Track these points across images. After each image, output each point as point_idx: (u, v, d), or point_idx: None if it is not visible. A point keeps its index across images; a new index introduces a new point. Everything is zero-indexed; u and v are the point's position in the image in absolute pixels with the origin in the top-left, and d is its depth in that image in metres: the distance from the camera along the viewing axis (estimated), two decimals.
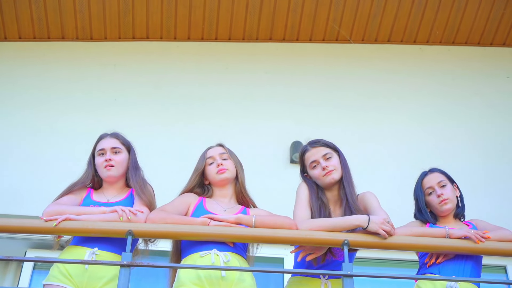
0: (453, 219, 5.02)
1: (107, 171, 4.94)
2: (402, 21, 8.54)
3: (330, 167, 4.86)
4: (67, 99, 8.02)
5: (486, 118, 8.31)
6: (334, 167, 4.88)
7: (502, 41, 8.80)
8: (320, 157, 4.91)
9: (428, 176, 5.13)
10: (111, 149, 5.00)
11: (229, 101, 8.16)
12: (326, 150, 4.94)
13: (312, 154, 4.95)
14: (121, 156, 5.01)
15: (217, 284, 4.47)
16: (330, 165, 4.87)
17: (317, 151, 4.94)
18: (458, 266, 4.73)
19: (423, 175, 5.16)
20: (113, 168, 4.95)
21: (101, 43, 8.47)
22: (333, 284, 4.63)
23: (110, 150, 4.99)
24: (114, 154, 4.99)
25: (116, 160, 4.98)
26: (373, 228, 4.52)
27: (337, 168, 4.89)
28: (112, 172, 4.95)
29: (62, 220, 4.49)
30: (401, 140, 8.03)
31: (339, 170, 4.89)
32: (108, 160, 4.95)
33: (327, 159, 4.90)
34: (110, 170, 4.94)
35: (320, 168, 4.88)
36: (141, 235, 4.58)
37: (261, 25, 8.47)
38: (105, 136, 5.09)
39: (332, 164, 4.88)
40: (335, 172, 4.87)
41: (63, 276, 4.53)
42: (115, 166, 4.96)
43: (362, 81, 8.48)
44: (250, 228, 4.57)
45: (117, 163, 4.97)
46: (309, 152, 4.97)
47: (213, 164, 4.99)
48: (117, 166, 4.97)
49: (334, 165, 4.89)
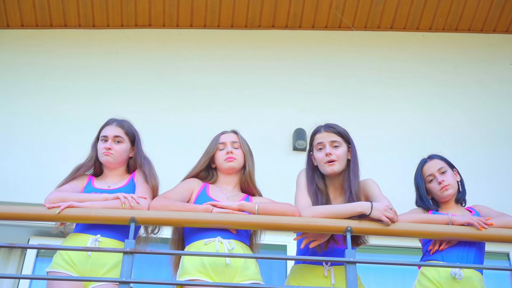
0: (454, 204, 5.03)
1: (104, 156, 4.96)
2: (405, 8, 8.53)
3: (333, 156, 4.82)
4: (69, 87, 8.02)
5: (489, 105, 8.30)
6: (338, 158, 4.83)
7: (505, 28, 8.78)
8: (328, 142, 4.87)
9: (428, 163, 5.12)
10: (114, 137, 5.01)
11: (232, 89, 8.15)
12: (336, 138, 4.90)
13: (322, 136, 4.91)
14: (121, 146, 5.03)
15: (221, 272, 4.47)
16: (334, 154, 4.83)
17: (327, 135, 4.90)
18: (462, 252, 4.73)
19: (422, 162, 5.15)
20: (111, 156, 4.96)
21: (104, 30, 8.47)
22: (336, 271, 4.63)
23: (112, 139, 5.01)
24: (116, 143, 5.01)
25: (116, 149, 4.99)
26: (376, 215, 4.51)
27: (340, 159, 4.85)
28: (109, 158, 4.97)
29: (65, 207, 4.49)
30: (403, 127, 8.02)
31: (342, 162, 4.85)
32: (108, 148, 4.96)
33: (334, 147, 4.86)
34: (108, 156, 4.96)
35: (323, 153, 4.86)
36: (144, 222, 4.59)
37: (263, 13, 8.46)
38: (111, 123, 5.10)
39: (337, 154, 4.84)
40: (337, 164, 4.83)
41: (66, 263, 4.53)
42: (114, 155, 4.98)
43: (365, 68, 8.47)
44: (253, 215, 4.57)
45: (116, 152, 4.99)
46: (320, 134, 4.93)
47: (224, 150, 4.99)
48: (116, 154, 4.99)
49: (339, 155, 4.84)
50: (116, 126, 5.08)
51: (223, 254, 4.45)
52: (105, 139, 5.01)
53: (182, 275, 4.46)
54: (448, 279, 4.61)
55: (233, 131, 5.14)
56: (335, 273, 4.63)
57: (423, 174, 5.10)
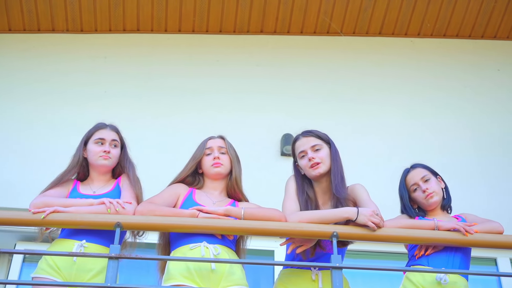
0: (441, 211, 5.03)
1: (103, 160, 4.94)
2: (393, 14, 8.54)
3: (317, 159, 4.84)
4: (57, 91, 7.99)
5: (477, 111, 8.31)
6: (321, 160, 4.85)
7: (493, 33, 8.81)
8: (309, 148, 4.90)
9: (411, 172, 5.12)
10: (112, 141, 5.02)
11: (220, 94, 8.14)
12: (316, 141, 4.93)
13: (302, 143, 4.95)
14: (117, 151, 5.04)
15: (207, 277, 4.47)
16: (317, 157, 4.85)
17: (307, 141, 4.94)
18: (447, 258, 4.74)
19: (405, 172, 5.16)
20: (109, 159, 4.96)
21: (92, 35, 8.45)
22: (324, 275, 4.62)
23: (110, 142, 5.00)
24: (113, 147, 5.01)
25: (113, 153, 5.00)
26: (362, 220, 4.52)
27: (324, 160, 4.86)
28: (108, 162, 4.96)
29: (50, 212, 4.48)
30: (392, 132, 8.02)
31: (326, 163, 4.87)
32: (107, 151, 4.95)
33: (316, 151, 4.88)
34: (107, 160, 4.95)
35: (307, 159, 4.87)
36: (130, 227, 4.58)
37: (252, 18, 8.46)
38: (105, 127, 5.09)
39: (320, 156, 4.86)
40: (321, 165, 4.85)
41: (51, 269, 4.52)
42: (112, 159, 4.98)
43: (354, 73, 8.48)
44: (239, 220, 4.57)
45: (114, 156, 5.00)
46: (299, 142, 4.98)
47: (210, 155, 4.98)
48: (113, 158, 5.00)
49: (322, 157, 4.86)
50: (111, 130, 5.08)
51: (209, 260, 4.45)
52: (102, 142, 4.99)
53: (167, 280, 4.46)
54: (433, 284, 4.62)
55: (220, 137, 5.14)
56: (322, 277, 4.63)
57: (407, 184, 5.11)
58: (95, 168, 4.99)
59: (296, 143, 5.00)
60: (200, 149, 5.05)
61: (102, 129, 5.07)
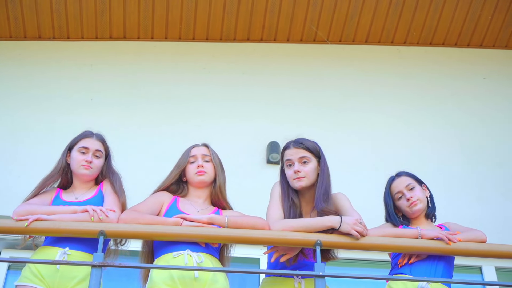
0: (425, 220, 5.03)
1: (84, 169, 4.93)
2: (380, 22, 8.56)
3: (302, 173, 4.82)
4: (43, 98, 7.97)
5: (463, 119, 8.34)
6: (306, 174, 4.83)
7: (479, 42, 8.84)
8: (296, 159, 4.88)
9: (395, 181, 5.13)
10: (95, 151, 5.00)
11: (206, 101, 8.14)
12: (305, 154, 4.89)
13: (291, 153, 4.92)
14: (100, 161, 5.03)
15: (190, 285, 4.47)
16: (302, 171, 4.83)
17: (296, 152, 4.91)
18: (430, 266, 4.74)
19: (390, 180, 5.16)
20: (90, 170, 4.95)
21: (78, 42, 8.44)
22: (307, 283, 4.63)
23: (93, 152, 4.99)
24: (95, 157, 4.99)
25: (96, 163, 4.98)
26: (345, 228, 4.53)
27: (308, 175, 4.84)
28: (88, 172, 4.95)
29: (33, 220, 4.48)
30: (378, 141, 8.04)
31: (310, 178, 4.84)
32: (89, 161, 4.94)
33: (303, 163, 4.87)
34: (88, 170, 4.94)
35: (292, 170, 4.86)
36: (113, 235, 4.58)
37: (238, 25, 8.47)
38: (90, 135, 5.08)
39: (306, 170, 4.84)
40: (305, 180, 4.82)
41: (34, 277, 4.51)
42: (93, 169, 4.96)
43: (340, 81, 8.50)
44: (222, 228, 4.57)
45: (95, 166, 4.98)
46: (289, 151, 4.94)
47: (194, 163, 4.98)
48: (94, 168, 4.98)
49: (307, 172, 4.83)
50: (96, 140, 5.06)
51: (193, 268, 4.45)
52: (85, 151, 4.98)
53: None
54: None
55: (204, 144, 5.14)
56: (305, 285, 4.63)
57: (391, 192, 5.11)
58: (77, 176, 4.99)
59: (286, 151, 4.96)
60: (184, 157, 5.05)
61: (87, 137, 5.06)
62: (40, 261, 4.51)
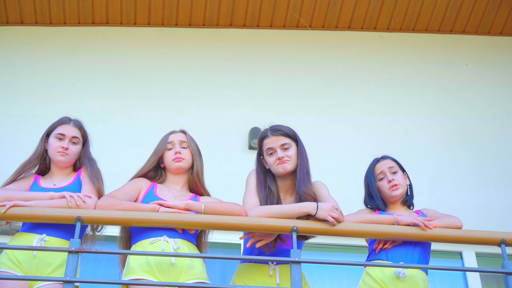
0: (401, 206, 5.06)
1: (60, 156, 4.93)
2: (363, 8, 8.56)
3: (286, 158, 4.86)
4: (25, 83, 7.96)
5: (446, 105, 8.37)
6: (290, 158, 4.88)
7: (461, 28, 8.85)
8: (278, 146, 4.91)
9: (380, 162, 5.18)
10: (71, 138, 4.99)
11: (189, 87, 8.14)
12: (285, 140, 4.93)
13: (271, 141, 4.95)
14: (77, 147, 5.02)
15: (167, 271, 4.48)
16: (285, 156, 4.87)
17: (276, 139, 4.94)
18: (406, 252, 4.78)
19: (375, 161, 5.21)
20: (66, 156, 4.94)
21: (60, 28, 8.42)
22: (281, 270, 4.67)
23: (70, 139, 4.98)
24: (72, 143, 4.98)
25: (72, 150, 4.98)
26: (321, 215, 4.56)
27: (292, 158, 4.89)
28: (64, 159, 4.94)
29: (11, 206, 4.48)
30: (360, 127, 8.06)
31: (294, 161, 4.89)
32: (65, 148, 4.94)
33: (285, 149, 4.90)
34: (64, 156, 4.93)
35: (275, 157, 4.88)
36: (90, 221, 4.59)
37: (221, 11, 8.46)
38: (67, 122, 5.07)
39: (289, 154, 4.89)
40: (289, 163, 4.87)
41: (11, 263, 4.52)
42: (69, 155, 4.96)
43: (323, 67, 8.50)
44: (199, 214, 4.59)
45: (72, 153, 4.97)
46: (268, 139, 4.97)
47: (172, 150, 4.99)
48: (71, 155, 4.97)
49: (291, 156, 4.89)
50: (74, 126, 5.05)
51: (170, 254, 4.46)
52: (61, 137, 4.97)
53: (127, 274, 4.47)
54: (392, 278, 4.66)
55: (181, 131, 5.14)
56: (280, 272, 4.67)
57: (375, 172, 5.14)
58: (54, 162, 4.99)
59: (265, 140, 4.99)
60: (161, 143, 5.06)
61: (64, 124, 5.05)
62: (17, 247, 4.51)
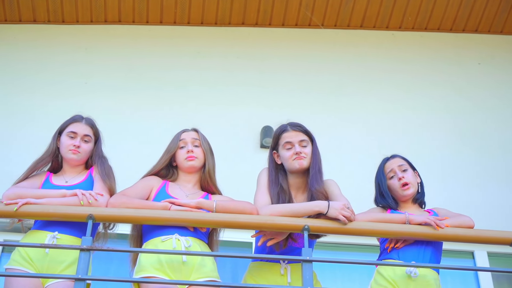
0: (412, 204, 5.04)
1: (71, 154, 4.94)
2: (375, 7, 8.55)
3: (303, 154, 4.88)
4: (38, 82, 7.99)
5: (457, 104, 8.34)
6: (306, 155, 4.90)
7: (474, 27, 8.83)
8: (297, 142, 4.93)
9: (390, 161, 5.16)
10: (83, 136, 5.00)
11: (201, 86, 8.15)
12: (304, 137, 4.97)
13: (290, 135, 4.96)
14: (89, 145, 5.02)
15: (178, 269, 4.49)
16: (303, 152, 4.89)
17: (296, 134, 4.96)
18: (418, 251, 4.76)
19: (385, 160, 5.20)
20: (78, 154, 4.95)
21: (73, 26, 8.44)
22: (293, 268, 4.67)
23: (82, 137, 4.99)
24: (84, 142, 4.99)
25: (84, 148, 4.98)
26: (332, 213, 4.55)
27: (308, 156, 4.91)
28: (76, 157, 4.95)
29: (23, 204, 4.49)
30: (371, 126, 8.05)
31: (309, 159, 4.91)
32: (77, 146, 4.95)
33: (303, 146, 4.93)
34: (75, 154, 4.94)
35: (293, 151, 4.90)
36: (102, 219, 4.60)
37: (233, 10, 8.46)
38: (80, 120, 5.08)
39: (306, 151, 4.91)
40: (306, 160, 4.89)
41: (24, 260, 4.54)
42: (81, 154, 4.97)
43: (334, 66, 8.49)
44: (210, 213, 4.59)
45: (84, 151, 4.98)
46: (288, 133, 4.98)
47: (184, 148, 4.99)
48: (83, 153, 4.98)
49: (307, 153, 4.91)
50: (86, 124, 5.06)
51: (181, 252, 4.47)
52: (73, 136, 4.98)
53: (138, 272, 4.47)
54: (403, 277, 4.65)
55: (193, 129, 5.14)
56: (291, 271, 4.67)
57: (385, 171, 5.13)
58: (66, 160, 5.00)
59: (284, 133, 4.99)
60: (174, 142, 5.06)
61: (76, 122, 5.06)
62: (29, 244, 4.53)
